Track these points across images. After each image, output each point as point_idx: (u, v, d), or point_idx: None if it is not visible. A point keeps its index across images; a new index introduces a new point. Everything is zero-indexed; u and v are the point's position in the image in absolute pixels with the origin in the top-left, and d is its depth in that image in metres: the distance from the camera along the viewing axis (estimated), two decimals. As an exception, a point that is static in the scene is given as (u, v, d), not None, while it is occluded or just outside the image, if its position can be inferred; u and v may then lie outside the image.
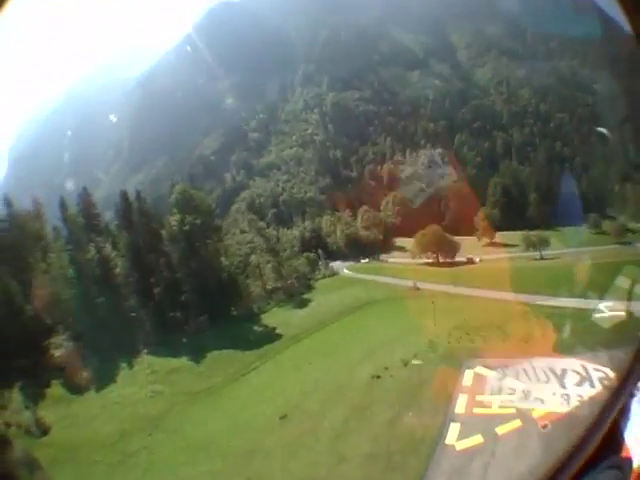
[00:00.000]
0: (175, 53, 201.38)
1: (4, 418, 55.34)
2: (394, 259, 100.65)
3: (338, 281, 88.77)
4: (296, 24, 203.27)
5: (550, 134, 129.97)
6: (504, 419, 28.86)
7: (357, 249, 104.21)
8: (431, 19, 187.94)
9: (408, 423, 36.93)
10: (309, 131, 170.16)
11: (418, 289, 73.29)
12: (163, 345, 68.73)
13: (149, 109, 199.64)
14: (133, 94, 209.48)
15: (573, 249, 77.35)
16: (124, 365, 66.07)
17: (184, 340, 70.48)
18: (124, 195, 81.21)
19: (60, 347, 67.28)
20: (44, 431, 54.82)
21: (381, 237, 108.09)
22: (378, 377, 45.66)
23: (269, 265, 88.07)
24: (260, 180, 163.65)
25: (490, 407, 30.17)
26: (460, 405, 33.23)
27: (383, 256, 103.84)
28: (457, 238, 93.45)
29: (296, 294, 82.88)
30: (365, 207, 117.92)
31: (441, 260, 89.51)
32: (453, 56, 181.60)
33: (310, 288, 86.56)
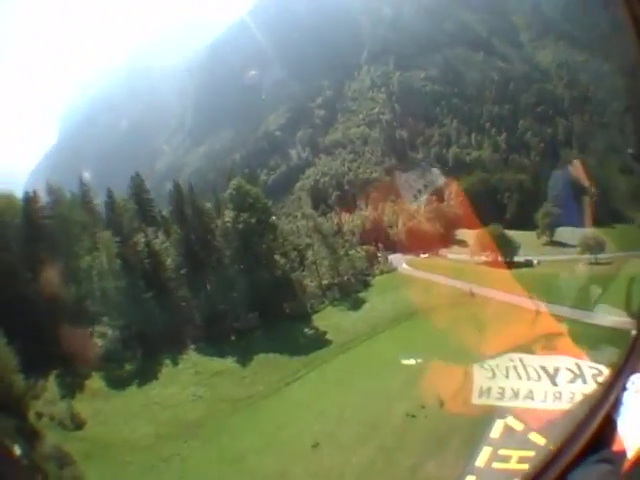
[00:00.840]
0: (240, 27, 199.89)
1: (36, 408, 54.45)
2: (454, 255, 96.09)
3: (395, 279, 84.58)
4: (360, 2, 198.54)
5: (607, 123, 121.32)
6: (517, 475, 26.21)
7: (418, 241, 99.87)
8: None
9: (428, 472, 34.80)
10: (376, 110, 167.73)
11: (473, 295, 68.99)
12: (211, 341, 67.47)
13: (214, 81, 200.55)
14: (198, 65, 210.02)
15: (626, 253, 70.60)
16: (168, 362, 64.84)
17: (233, 338, 68.82)
18: (177, 187, 79.52)
19: (104, 336, 67.68)
20: (78, 425, 53.86)
21: (443, 230, 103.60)
22: (413, 416, 42.33)
23: (326, 261, 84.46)
24: (325, 158, 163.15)
25: (509, 462, 27.31)
26: (482, 458, 30.02)
27: (443, 250, 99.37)
28: (517, 234, 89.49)
29: (352, 292, 79.68)
30: (429, 196, 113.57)
31: (499, 259, 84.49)
32: (516, 37, 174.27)
33: (367, 285, 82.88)
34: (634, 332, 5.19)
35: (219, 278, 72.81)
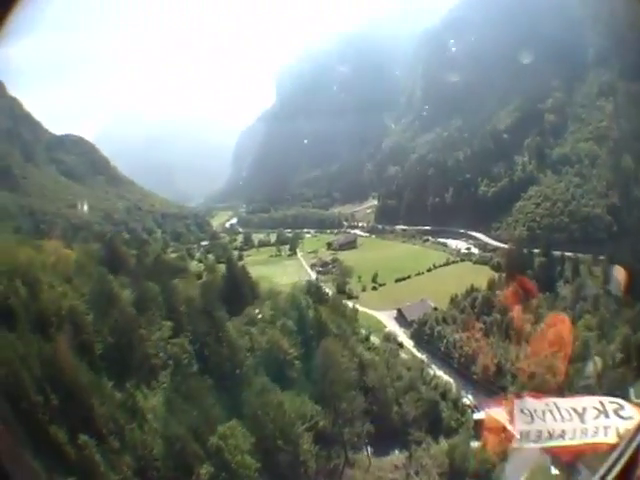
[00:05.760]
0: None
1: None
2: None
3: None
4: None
5: None
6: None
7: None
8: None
9: None
10: (604, 123, 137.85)
11: None
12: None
13: (443, 63, 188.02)
14: (426, 44, 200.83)
15: None
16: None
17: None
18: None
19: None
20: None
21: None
22: None
23: None
24: (552, 176, 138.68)
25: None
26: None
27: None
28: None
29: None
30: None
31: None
32: None
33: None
34: None
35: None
